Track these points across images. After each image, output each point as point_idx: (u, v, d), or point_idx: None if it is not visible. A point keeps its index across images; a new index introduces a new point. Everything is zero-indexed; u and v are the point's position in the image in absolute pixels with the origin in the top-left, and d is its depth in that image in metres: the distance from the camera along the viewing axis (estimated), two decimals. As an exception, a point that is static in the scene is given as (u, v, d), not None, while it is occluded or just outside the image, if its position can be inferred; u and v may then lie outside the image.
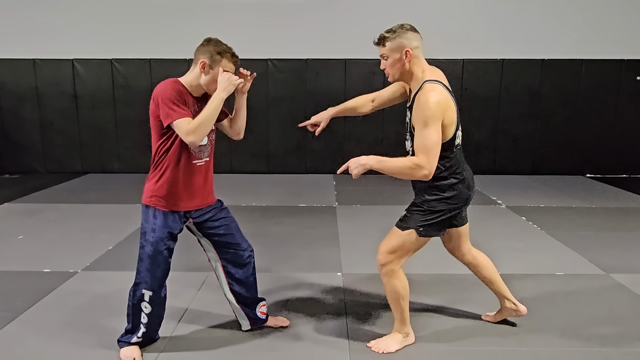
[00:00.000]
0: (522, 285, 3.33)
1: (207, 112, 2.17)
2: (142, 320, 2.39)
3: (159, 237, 2.30)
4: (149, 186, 2.33)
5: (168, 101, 2.15)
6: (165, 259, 2.35)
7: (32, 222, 4.84)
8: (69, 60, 7.30)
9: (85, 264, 3.69)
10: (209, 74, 2.24)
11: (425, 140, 2.14)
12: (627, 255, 3.95)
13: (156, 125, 2.25)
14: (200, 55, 2.25)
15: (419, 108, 2.18)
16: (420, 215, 2.36)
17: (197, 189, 2.36)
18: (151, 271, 2.32)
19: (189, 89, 2.28)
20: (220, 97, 2.19)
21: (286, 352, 2.50)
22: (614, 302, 3.08)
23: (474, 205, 5.51)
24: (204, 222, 2.43)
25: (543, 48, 7.29)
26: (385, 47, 2.26)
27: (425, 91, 2.19)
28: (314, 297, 3.15)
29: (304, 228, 4.68)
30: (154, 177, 2.31)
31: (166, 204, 2.30)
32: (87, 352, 2.49)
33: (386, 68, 2.30)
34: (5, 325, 2.74)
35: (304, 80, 7.37)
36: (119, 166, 7.60)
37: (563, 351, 2.51)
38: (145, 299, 2.35)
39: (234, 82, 2.22)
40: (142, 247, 2.34)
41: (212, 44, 2.24)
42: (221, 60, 2.22)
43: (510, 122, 7.38)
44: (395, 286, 2.41)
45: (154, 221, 2.30)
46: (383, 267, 2.40)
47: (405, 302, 2.45)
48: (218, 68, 2.22)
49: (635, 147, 7.48)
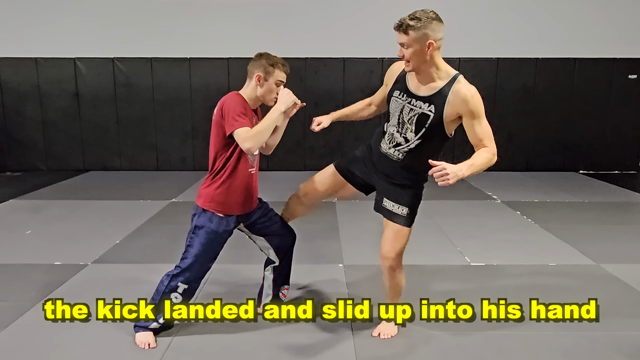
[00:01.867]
0: (517, 275, 3.48)
1: (266, 122, 2.30)
2: None
3: (211, 239, 2.46)
4: (208, 191, 2.46)
5: (234, 113, 2.29)
6: (211, 259, 2.53)
7: (38, 218, 4.95)
8: (71, 59, 7.38)
9: (95, 257, 3.81)
10: (264, 86, 2.40)
11: (486, 128, 2.19)
12: (617, 246, 4.11)
13: (219, 134, 2.38)
14: (254, 69, 2.41)
15: (471, 103, 2.15)
16: (417, 206, 2.44)
17: (251, 194, 2.54)
18: (194, 268, 2.48)
19: (248, 101, 2.44)
20: (279, 110, 2.34)
21: (292, 339, 2.62)
22: (603, 291, 3.23)
23: (471, 200, 5.70)
24: (253, 223, 2.63)
25: (537, 47, 7.45)
26: (408, 35, 2.09)
27: (466, 84, 2.18)
28: (317, 288, 3.27)
29: (304, 222, 4.72)
30: (214, 184, 2.44)
31: (224, 209, 2.46)
32: (103, 340, 2.60)
33: (405, 56, 2.15)
34: (21, 315, 2.85)
35: (303, 78, 7.48)
36: (121, 164, 7.70)
37: (555, 335, 2.65)
38: (179, 291, 2.49)
39: (293, 99, 2.38)
40: (190, 244, 2.48)
41: (264, 58, 2.39)
42: (274, 71, 2.38)
43: (505, 119, 7.53)
44: (401, 279, 2.55)
45: (210, 224, 2.45)
46: (393, 269, 2.47)
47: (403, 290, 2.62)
48: (272, 79, 2.38)
49: (626, 144, 7.66)
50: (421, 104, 2.24)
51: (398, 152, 2.35)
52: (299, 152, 7.72)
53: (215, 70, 7.41)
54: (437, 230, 4.52)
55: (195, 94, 7.49)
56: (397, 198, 2.40)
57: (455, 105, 2.17)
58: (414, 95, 2.26)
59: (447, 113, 2.20)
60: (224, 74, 7.37)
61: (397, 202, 2.40)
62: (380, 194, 2.48)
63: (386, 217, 2.45)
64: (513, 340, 2.61)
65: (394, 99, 2.34)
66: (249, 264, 3.55)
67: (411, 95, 2.27)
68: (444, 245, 4.16)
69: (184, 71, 7.47)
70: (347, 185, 2.61)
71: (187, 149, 7.68)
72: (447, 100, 2.18)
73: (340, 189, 2.63)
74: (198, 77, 7.47)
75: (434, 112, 2.21)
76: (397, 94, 2.32)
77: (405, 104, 2.28)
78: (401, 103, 2.30)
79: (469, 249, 4.01)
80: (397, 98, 2.32)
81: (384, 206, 2.44)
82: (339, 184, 2.61)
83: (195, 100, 7.50)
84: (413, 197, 2.41)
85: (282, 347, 2.54)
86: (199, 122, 7.55)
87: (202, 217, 2.46)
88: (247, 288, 3.21)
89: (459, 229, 4.57)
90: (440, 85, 2.20)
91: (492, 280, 3.40)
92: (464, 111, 2.17)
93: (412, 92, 2.27)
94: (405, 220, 2.41)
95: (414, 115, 2.25)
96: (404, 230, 2.41)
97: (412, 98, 2.27)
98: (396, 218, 2.41)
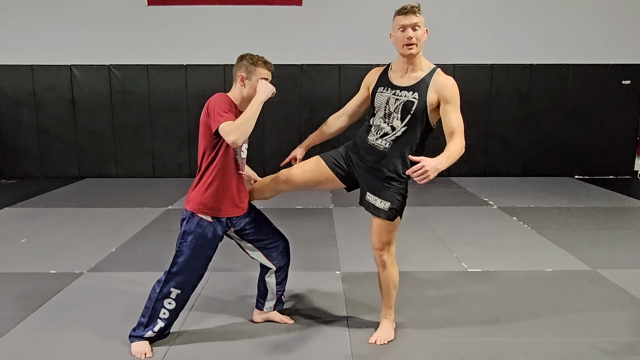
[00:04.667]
0: (513, 281, 3.49)
1: (248, 113, 2.28)
2: (161, 315, 2.50)
3: (200, 245, 2.44)
4: (195, 195, 2.44)
5: (219, 109, 2.29)
6: (203, 265, 2.50)
7: (33, 226, 4.92)
8: (66, 66, 7.38)
9: (90, 265, 3.79)
10: (248, 85, 2.41)
11: (460, 120, 2.31)
12: (613, 252, 4.12)
13: (206, 135, 2.38)
14: (237, 71, 2.43)
15: (449, 89, 2.31)
16: (400, 200, 2.45)
17: (241, 197, 2.53)
18: (185, 273, 2.46)
19: (235, 102, 2.45)
20: (260, 100, 2.33)
21: (290, 346, 2.62)
22: (600, 296, 3.24)
23: (467, 206, 5.71)
24: (242, 229, 2.59)
25: (531, 53, 7.51)
26: (419, 16, 2.29)
27: (446, 76, 2.35)
28: (314, 295, 3.27)
29: (301, 229, 4.80)
30: (202, 186, 2.42)
31: (212, 212, 2.43)
32: (99, 349, 2.59)
33: (415, 38, 2.28)
34: (16, 325, 2.83)
35: (299, 85, 7.51)
36: (116, 171, 7.68)
37: (552, 341, 2.65)
38: (172, 297, 2.47)
39: (271, 88, 2.39)
40: (179, 250, 2.45)
41: (246, 58, 2.41)
42: (256, 70, 2.39)
43: (501, 125, 7.57)
44: (393, 274, 2.57)
45: (198, 229, 2.43)
46: (384, 260, 2.52)
47: (397, 289, 2.64)
48: (255, 77, 2.39)
49: (621, 149, 7.71)
50: (405, 92, 2.38)
51: (385, 142, 2.42)
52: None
53: (212, 77, 7.42)
54: (434, 236, 4.53)
55: (192, 101, 7.49)
56: (379, 193, 2.45)
57: (436, 90, 2.32)
58: (397, 87, 2.41)
59: (429, 99, 2.34)
60: (220, 81, 7.38)
61: (379, 197, 2.45)
62: (364, 188, 2.54)
63: (369, 211, 2.52)
64: (510, 347, 2.60)
65: (378, 94, 2.46)
66: (246, 271, 3.54)
67: (395, 87, 2.42)
68: (441, 251, 4.16)
69: (180, 78, 7.47)
70: (329, 176, 2.62)
71: (183, 155, 7.67)
72: (429, 87, 2.34)
73: (323, 180, 2.64)
74: (194, 84, 7.47)
75: (418, 99, 2.35)
76: (382, 89, 2.46)
77: (390, 95, 2.41)
78: (386, 95, 2.43)
79: (466, 255, 4.02)
80: (382, 92, 2.45)
81: (367, 200, 2.51)
82: (322, 174, 2.63)
83: (192, 107, 7.50)
84: (396, 193, 2.45)
85: (280, 354, 2.53)
86: (195, 129, 7.49)
87: (190, 222, 2.44)
88: (244, 294, 3.21)
89: (455, 235, 4.58)
90: (422, 75, 2.37)
91: (489, 286, 3.40)
92: (443, 95, 2.32)
93: (396, 85, 2.42)
94: (387, 215, 2.45)
95: (399, 103, 2.38)
96: (387, 224, 2.46)
97: (397, 89, 2.41)
98: (378, 212, 2.47)
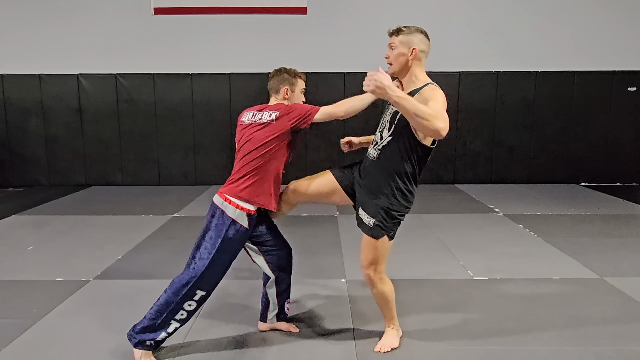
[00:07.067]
0: (520, 288, 3.47)
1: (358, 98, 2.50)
2: (177, 317, 2.48)
3: (229, 247, 2.46)
4: (240, 186, 2.45)
5: (305, 106, 2.47)
6: (227, 267, 2.52)
7: (40, 234, 4.95)
8: (74, 75, 7.46)
9: (97, 273, 3.80)
10: (292, 96, 2.61)
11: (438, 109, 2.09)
12: (620, 259, 4.09)
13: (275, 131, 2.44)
14: (279, 84, 2.60)
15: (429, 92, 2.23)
16: (384, 217, 2.39)
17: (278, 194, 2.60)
18: (211, 275, 2.46)
19: None
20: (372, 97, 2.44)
21: (295, 354, 2.62)
22: (607, 304, 3.22)
23: (472, 214, 5.69)
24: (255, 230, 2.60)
25: (537, 60, 7.51)
26: (398, 37, 2.35)
27: (433, 87, 2.28)
28: (320, 303, 3.26)
29: (306, 237, 4.80)
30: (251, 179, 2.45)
31: (260, 201, 2.47)
32: (105, 357, 2.59)
33: (390, 57, 2.38)
34: (23, 332, 2.84)
35: (304, 92, 7.52)
36: (123, 179, 7.72)
37: (559, 350, 2.63)
38: (195, 298, 2.47)
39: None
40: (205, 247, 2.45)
41: (284, 72, 2.57)
42: (297, 81, 2.60)
43: (506, 132, 7.56)
44: (384, 291, 2.56)
45: (228, 232, 2.43)
46: (371, 279, 2.51)
47: (393, 302, 2.62)
48: (297, 88, 2.61)
49: (627, 156, 7.67)
50: (390, 108, 2.42)
51: (375, 151, 2.46)
52: (299, 166, 7.72)
53: (217, 85, 7.47)
54: (439, 243, 4.51)
55: (198, 109, 7.54)
56: (367, 208, 2.45)
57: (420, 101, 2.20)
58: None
59: None
60: (226, 89, 7.43)
61: (366, 212, 2.44)
62: (358, 203, 2.55)
63: (358, 225, 2.53)
64: (516, 355, 2.58)
65: (385, 106, 2.53)
66: (251, 279, 3.55)
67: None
68: (447, 259, 4.15)
69: (186, 86, 7.53)
70: (337, 190, 2.62)
71: (189, 163, 7.71)
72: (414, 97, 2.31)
73: (332, 193, 2.65)
74: (200, 92, 7.52)
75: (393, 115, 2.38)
76: (387, 103, 2.49)
77: (387, 107, 2.47)
78: (385, 109, 2.51)
79: (472, 263, 4.00)
80: (386, 105, 2.51)
81: (359, 215, 2.51)
82: (330, 187, 2.63)
83: (197, 115, 7.55)
84: (382, 211, 2.39)
85: (285, 363, 2.53)
86: (200, 137, 7.59)
87: (220, 225, 2.44)
88: (249, 303, 3.21)
89: (461, 242, 4.56)
90: (413, 88, 2.36)
91: (496, 294, 3.38)
92: (424, 98, 2.21)
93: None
94: (372, 231, 2.41)
95: (389, 114, 2.43)
96: (372, 241, 2.43)
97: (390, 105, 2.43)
98: (364, 227, 2.46)
